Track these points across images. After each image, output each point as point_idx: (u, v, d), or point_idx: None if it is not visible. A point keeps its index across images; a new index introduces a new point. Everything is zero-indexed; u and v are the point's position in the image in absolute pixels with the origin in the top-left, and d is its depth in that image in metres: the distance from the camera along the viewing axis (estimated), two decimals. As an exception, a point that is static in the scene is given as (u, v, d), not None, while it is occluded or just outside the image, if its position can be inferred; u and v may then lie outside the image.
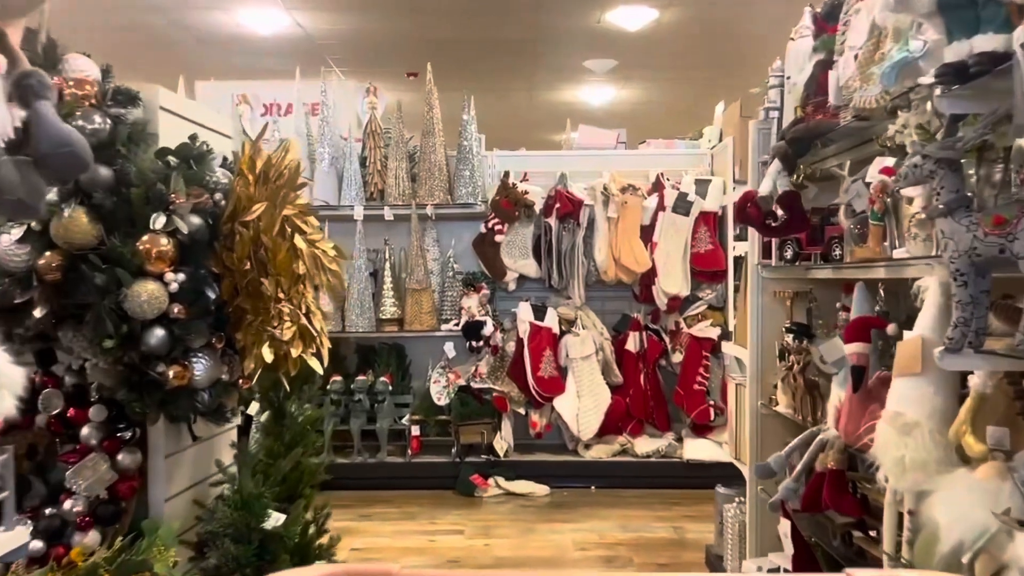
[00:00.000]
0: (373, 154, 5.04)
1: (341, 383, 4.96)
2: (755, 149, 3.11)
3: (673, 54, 8.39)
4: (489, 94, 9.58)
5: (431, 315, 4.98)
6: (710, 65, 8.75)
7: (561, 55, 8.48)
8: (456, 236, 5.23)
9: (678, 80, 9.36)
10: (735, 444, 3.28)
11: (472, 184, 4.98)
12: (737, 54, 8.24)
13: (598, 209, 4.95)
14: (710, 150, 5.27)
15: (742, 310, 3.40)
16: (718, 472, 4.74)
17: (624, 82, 9.46)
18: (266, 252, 2.26)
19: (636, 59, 8.57)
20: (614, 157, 5.29)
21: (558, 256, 4.95)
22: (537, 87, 9.72)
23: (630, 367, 5.01)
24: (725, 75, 8.73)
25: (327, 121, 5.01)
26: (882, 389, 2.20)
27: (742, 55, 8.23)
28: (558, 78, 9.35)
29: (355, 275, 4.96)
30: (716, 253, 4.93)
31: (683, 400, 4.88)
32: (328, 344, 2.59)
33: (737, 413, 3.24)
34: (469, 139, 5.01)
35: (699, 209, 4.91)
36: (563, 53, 8.43)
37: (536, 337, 4.88)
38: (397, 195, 4.97)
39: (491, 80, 9.16)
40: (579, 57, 8.51)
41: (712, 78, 9.06)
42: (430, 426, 4.95)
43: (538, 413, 4.93)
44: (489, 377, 4.92)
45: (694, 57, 8.52)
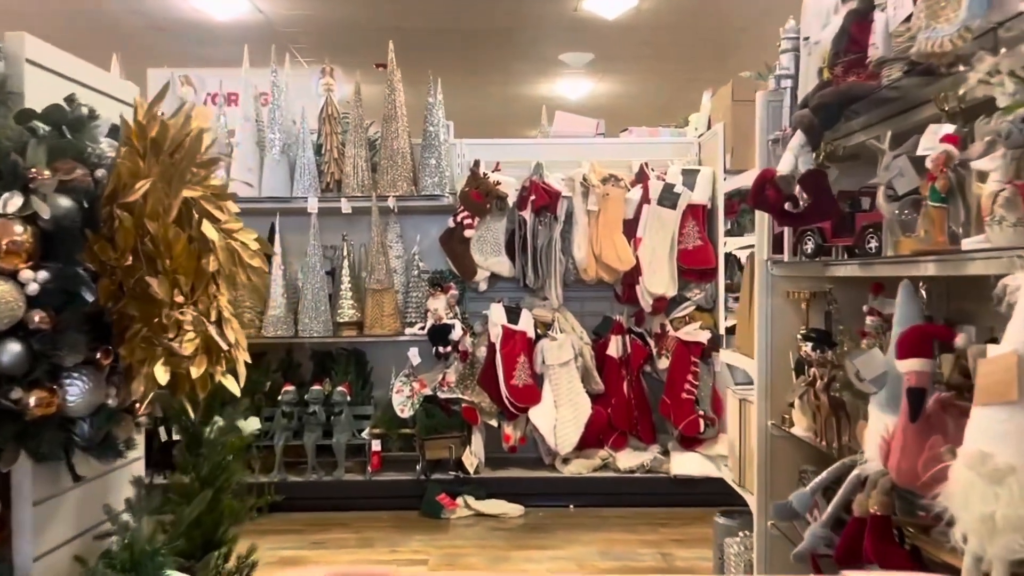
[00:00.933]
0: (329, 141, 4.50)
1: (294, 393, 4.42)
2: (763, 126, 2.61)
3: (653, 44, 7.94)
4: (462, 87, 9.08)
5: (393, 318, 4.44)
6: (691, 57, 8.31)
7: (537, 46, 8.02)
8: (421, 231, 4.70)
9: (658, 72, 8.91)
10: (739, 469, 2.78)
11: (439, 174, 4.45)
12: (720, 45, 7.81)
13: (577, 202, 4.44)
14: (697, 139, 4.79)
15: (744, 313, 2.91)
16: (707, 488, 4.28)
17: (602, 75, 8.98)
18: (155, 243, 1.72)
19: (614, 50, 8.13)
20: (594, 146, 4.79)
21: (533, 253, 4.44)
22: (512, 80, 9.23)
23: (612, 374, 4.51)
24: (706, 67, 8.29)
25: (278, 104, 4.46)
26: (943, 416, 1.71)
27: (725, 46, 7.80)
28: (534, 71, 8.87)
29: (309, 274, 4.42)
30: (705, 249, 4.44)
31: (670, 410, 4.38)
32: (246, 358, 2.05)
33: (742, 434, 2.74)
34: (435, 125, 4.49)
35: (687, 202, 4.42)
36: (539, 44, 7.97)
37: (509, 342, 4.36)
38: (356, 186, 4.43)
39: (465, 72, 8.65)
40: (556, 48, 8.05)
41: (693, 71, 8.62)
42: (392, 440, 4.41)
43: (512, 425, 4.42)
44: (457, 386, 4.40)
45: (675, 48, 8.07)
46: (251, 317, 4.45)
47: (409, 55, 4.48)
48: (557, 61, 8.49)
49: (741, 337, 2.93)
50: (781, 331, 2.56)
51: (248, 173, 4.43)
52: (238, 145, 4.45)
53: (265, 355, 4.73)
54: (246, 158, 4.44)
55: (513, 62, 8.54)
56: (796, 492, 2.08)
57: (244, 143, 4.44)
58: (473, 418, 4.36)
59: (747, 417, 2.69)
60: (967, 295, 2.18)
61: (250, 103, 4.50)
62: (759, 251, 2.63)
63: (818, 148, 2.11)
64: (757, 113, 2.63)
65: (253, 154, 4.46)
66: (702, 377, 4.37)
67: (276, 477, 4.34)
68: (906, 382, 1.66)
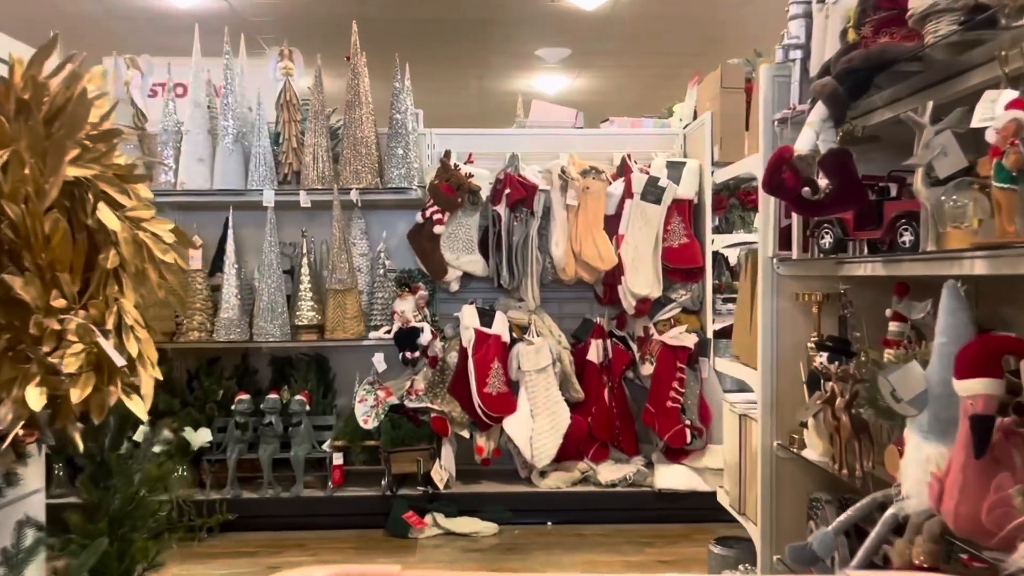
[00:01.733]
0: (287, 129, 4.11)
1: (248, 402, 4.02)
2: (768, 104, 2.27)
3: (632, 38, 7.60)
4: (434, 81, 8.69)
5: (357, 320, 4.06)
6: (671, 51, 7.98)
7: (514, 39, 7.65)
8: (388, 227, 4.32)
9: (637, 67, 8.57)
10: (738, 493, 2.43)
11: (406, 165, 4.07)
12: (701, 38, 7.48)
13: (555, 196, 4.09)
14: (683, 130, 4.44)
15: (743, 318, 2.56)
16: (694, 503, 3.95)
17: (580, 70, 8.63)
18: (18, 232, 1.34)
19: (592, 44, 7.78)
20: (573, 137, 4.43)
21: (508, 251, 4.07)
22: (487, 75, 8.85)
23: (592, 381, 4.16)
24: (687, 62, 7.94)
25: (231, 89, 4.05)
26: (1007, 447, 1.37)
27: (707, 39, 7.47)
28: (510, 64, 8.50)
29: (265, 273, 4.02)
30: (692, 247, 4.10)
31: (654, 419, 4.03)
32: (156, 375, 1.68)
33: (742, 454, 2.39)
34: (403, 112, 4.10)
35: (672, 196, 4.07)
36: (516, 37, 7.60)
37: (482, 346, 3.99)
38: (316, 177, 4.04)
39: (437, 66, 8.27)
40: (532, 42, 7.69)
41: (673, 65, 8.29)
42: (355, 453, 4.03)
43: (484, 436, 4.05)
44: (426, 394, 4.02)
45: (654, 41, 7.74)
46: (202, 320, 4.04)
47: (379, 46, 4.10)
48: (533, 56, 8.15)
49: (740, 344, 2.58)
50: (789, 338, 2.22)
51: (199, 164, 4.03)
52: (187, 133, 4.04)
53: (219, 360, 4.33)
54: (197, 147, 4.03)
55: (488, 55, 8.18)
56: (817, 534, 1.73)
57: (194, 131, 4.04)
58: (443, 429, 3.99)
59: (748, 435, 2.34)
60: (1006, 297, 1.85)
61: (201, 88, 4.09)
62: (763, 247, 2.29)
63: (842, 123, 1.76)
64: (760, 91, 2.29)
65: (205, 143, 4.06)
66: (688, 384, 4.03)
67: (229, 494, 3.94)
68: (969, 408, 1.31)
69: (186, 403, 4.09)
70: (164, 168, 3.99)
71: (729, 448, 2.55)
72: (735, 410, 2.45)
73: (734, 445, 2.47)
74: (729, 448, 2.55)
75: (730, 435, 2.53)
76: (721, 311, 4.08)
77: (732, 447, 2.50)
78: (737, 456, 2.42)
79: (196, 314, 4.03)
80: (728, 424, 2.54)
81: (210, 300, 4.09)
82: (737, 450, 2.42)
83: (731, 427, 2.50)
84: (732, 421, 2.48)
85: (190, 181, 4.01)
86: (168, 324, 3.99)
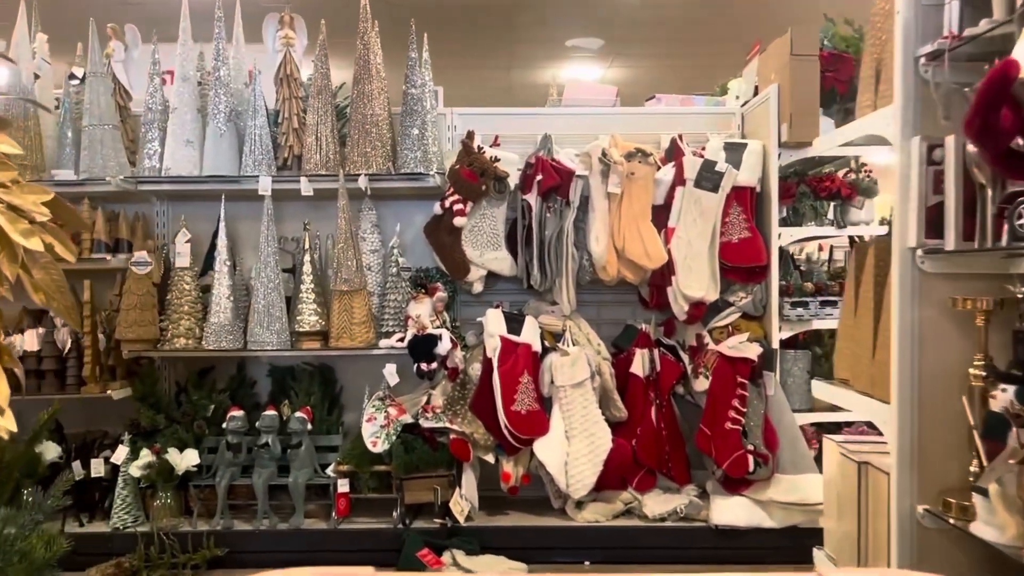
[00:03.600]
0: (288, 107, 3.49)
1: (242, 420, 3.41)
2: (910, 33, 1.59)
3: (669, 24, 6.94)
4: (459, 72, 8.09)
5: (365, 326, 3.43)
6: (710, 39, 7.30)
7: (543, 27, 7.02)
8: (402, 219, 3.70)
9: (674, 57, 7.88)
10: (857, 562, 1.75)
11: (423, 147, 3.44)
12: (744, 24, 6.78)
13: (594, 182, 3.43)
14: (740, 108, 3.76)
15: (850, 328, 1.89)
16: (756, 542, 3.28)
17: (614, 58, 7.96)
18: None
19: (627, 31, 7.12)
20: (613, 117, 3.77)
21: (540, 246, 3.42)
22: (516, 65, 8.21)
23: (637, 397, 3.49)
24: (728, 51, 7.27)
25: (223, 61, 3.44)
26: None
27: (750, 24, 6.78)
28: (539, 55, 7.86)
29: (262, 272, 3.41)
30: (754, 243, 3.42)
31: (710, 443, 3.36)
32: None
33: (863, 517, 1.71)
34: (419, 87, 3.47)
35: (732, 183, 3.40)
36: (546, 24, 6.97)
37: (510, 357, 3.34)
38: (319, 162, 3.42)
39: (464, 57, 7.66)
40: (563, 29, 7.05)
41: (713, 55, 7.61)
42: (364, 479, 3.39)
43: (512, 461, 3.40)
44: (445, 412, 3.38)
45: (693, 28, 7.06)
46: (190, 325, 3.43)
47: (403, 37, 3.46)
48: (564, 45, 7.51)
49: (848, 365, 1.91)
50: (937, 362, 1.55)
51: (186, 146, 3.42)
52: (174, 111, 3.44)
53: (211, 371, 3.73)
54: (184, 127, 3.43)
55: (517, 45, 7.55)
56: None
57: (182, 108, 3.43)
58: (464, 453, 3.34)
59: (870, 491, 1.67)
60: None
61: (190, 61, 3.49)
62: (900, 233, 1.62)
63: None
64: (899, 20, 1.61)
65: (194, 123, 3.45)
66: (751, 402, 3.35)
67: (219, 524, 3.33)
68: None
69: (173, 420, 3.49)
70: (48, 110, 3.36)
71: (833, 502, 1.88)
72: (851, 456, 1.77)
73: (849, 500, 1.80)
74: (833, 502, 1.88)
75: (836, 486, 1.86)
76: (789, 317, 3.40)
77: (838, 501, 1.83)
78: (856, 516, 1.75)
79: (183, 318, 3.43)
80: (834, 469, 1.87)
81: (200, 303, 3.48)
82: (856, 508, 1.74)
83: (839, 474, 1.83)
84: (845, 469, 1.81)
85: (176, 167, 3.41)
86: (150, 329, 3.38)
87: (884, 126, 1.68)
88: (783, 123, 3.33)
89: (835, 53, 3.36)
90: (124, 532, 3.29)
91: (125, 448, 3.37)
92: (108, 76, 3.52)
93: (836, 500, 1.90)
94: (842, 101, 3.42)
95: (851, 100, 3.40)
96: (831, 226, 3.44)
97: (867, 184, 3.39)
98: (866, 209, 3.42)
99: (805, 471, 3.26)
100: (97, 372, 3.42)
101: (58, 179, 3.43)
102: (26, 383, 3.43)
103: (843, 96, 3.40)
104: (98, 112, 3.41)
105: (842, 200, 3.41)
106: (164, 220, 3.77)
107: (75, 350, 3.43)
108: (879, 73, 1.90)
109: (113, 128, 3.44)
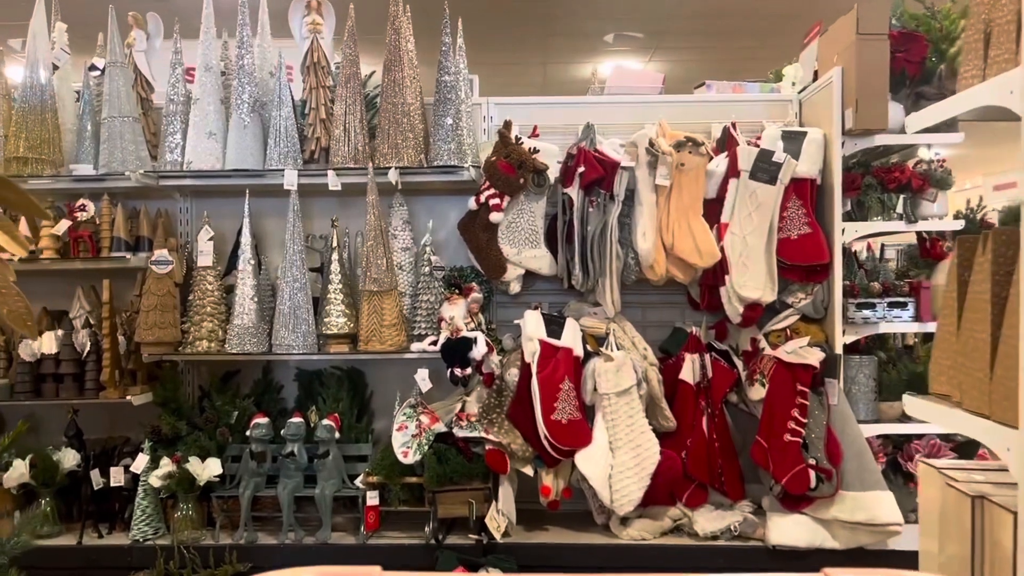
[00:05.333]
0: (315, 96, 3.26)
1: (267, 427, 3.18)
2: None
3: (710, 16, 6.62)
4: (494, 68, 7.83)
5: (396, 329, 3.18)
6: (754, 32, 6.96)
7: (580, 19, 6.74)
8: (435, 215, 3.45)
9: (716, 51, 7.55)
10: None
11: (456, 139, 3.18)
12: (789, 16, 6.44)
13: (641, 174, 3.14)
14: (797, 95, 3.45)
15: (951, 334, 1.58)
16: (818, 563, 2.93)
17: (653, 52, 7.65)
18: None
19: (667, 24, 6.82)
20: (660, 106, 3.47)
21: (582, 243, 3.15)
22: (551, 60, 7.94)
23: (687, 406, 3.20)
24: (772, 44, 6.95)
25: (247, 48, 3.22)
26: None
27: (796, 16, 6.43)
28: (576, 49, 7.58)
29: (288, 271, 3.18)
30: (815, 239, 3.11)
31: (767, 456, 3.05)
32: None
33: (979, 562, 1.41)
34: (453, 74, 3.21)
35: (790, 174, 3.09)
36: (582, 16, 6.69)
37: (549, 362, 3.07)
38: (347, 155, 3.18)
39: (497, 51, 7.41)
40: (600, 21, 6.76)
41: (757, 48, 7.29)
42: (394, 491, 3.14)
43: (552, 474, 3.13)
44: (480, 421, 3.12)
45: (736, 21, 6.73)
46: (212, 327, 3.22)
47: (435, 33, 3.21)
48: (601, 40, 7.22)
49: (950, 379, 1.60)
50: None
51: (209, 139, 3.21)
52: (196, 101, 3.23)
53: (236, 375, 3.51)
54: (206, 119, 3.21)
55: (551, 38, 7.27)
56: None
57: (204, 99, 3.22)
58: (501, 464, 3.08)
59: (990, 530, 1.37)
60: None
61: (213, 50, 3.27)
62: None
63: None
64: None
65: (217, 114, 3.23)
66: (812, 413, 3.04)
67: (242, 538, 3.11)
68: None
69: (195, 426, 3.28)
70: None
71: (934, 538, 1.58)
72: (962, 487, 1.47)
73: (946, 535, 1.50)
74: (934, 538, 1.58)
75: (937, 522, 1.56)
76: (854, 320, 3.08)
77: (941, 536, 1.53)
78: (970, 550, 1.44)
79: (205, 320, 3.21)
80: (934, 503, 1.57)
81: (223, 303, 3.27)
82: (970, 542, 1.44)
83: (942, 508, 1.53)
84: (945, 500, 1.51)
85: (198, 160, 3.20)
86: (171, 332, 3.17)
87: (1004, 95, 1.38)
88: (847, 109, 3.01)
89: (905, 32, 3.03)
90: (144, 545, 3.09)
91: (145, 456, 3.17)
92: (129, 67, 3.32)
93: (927, 527, 1.59)
94: (913, 84, 3.09)
95: (924, 83, 3.08)
96: (900, 221, 3.11)
97: (940, 175, 3.05)
98: (939, 202, 3.08)
99: (873, 488, 2.94)
100: (117, 376, 3.22)
101: (76, 174, 3.24)
102: (44, 387, 3.25)
103: (914, 79, 3.07)
104: (118, 104, 3.20)
105: (912, 192, 3.08)
106: (188, 217, 3.56)
107: (94, 353, 3.24)
108: (988, 37, 1.60)
109: (133, 121, 3.24)
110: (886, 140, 3.02)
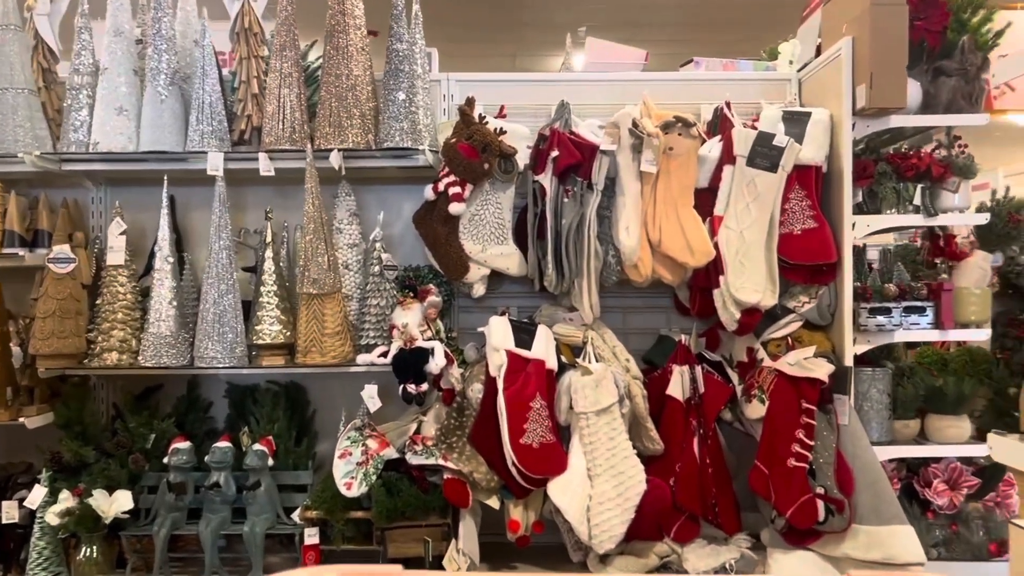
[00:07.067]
0: (245, 68, 2.76)
1: (188, 453, 2.68)
2: None
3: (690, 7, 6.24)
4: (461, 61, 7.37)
5: (340, 338, 2.69)
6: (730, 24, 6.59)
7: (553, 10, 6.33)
8: (386, 206, 2.97)
9: (698, 43, 7.16)
10: None
11: (410, 117, 2.71)
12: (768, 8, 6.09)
13: (623, 160, 2.69)
14: (797, 72, 3.03)
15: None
16: (827, 606, 2.53)
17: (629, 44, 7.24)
18: None
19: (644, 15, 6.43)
20: (643, 83, 3.02)
21: (556, 239, 2.68)
22: (522, 52, 7.51)
23: (676, 426, 2.76)
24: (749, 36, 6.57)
25: (163, 8, 2.72)
26: None
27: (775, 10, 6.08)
28: (549, 41, 7.16)
29: (212, 270, 2.68)
30: (821, 235, 2.68)
31: (768, 484, 2.62)
32: None
33: None
34: (407, 42, 2.74)
35: (793, 160, 2.66)
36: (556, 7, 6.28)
37: (518, 376, 2.61)
38: (283, 135, 2.70)
39: (465, 42, 6.97)
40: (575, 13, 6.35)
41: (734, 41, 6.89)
42: (338, 528, 2.65)
43: (521, 506, 2.66)
44: (438, 445, 2.65)
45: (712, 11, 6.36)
46: (124, 336, 2.71)
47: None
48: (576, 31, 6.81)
49: None
50: None
51: (118, 116, 2.70)
52: (104, 71, 2.72)
53: (156, 392, 3.01)
54: (116, 92, 2.71)
55: (523, 29, 6.85)
56: None
57: (113, 68, 2.71)
58: (461, 497, 2.60)
59: None
60: None
61: (124, 9, 2.76)
62: None
63: None
64: None
65: (130, 87, 2.73)
66: (820, 434, 2.61)
67: (155, 585, 2.61)
68: None
69: (105, 452, 2.77)
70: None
71: None
72: None
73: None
74: None
75: None
76: (867, 327, 2.66)
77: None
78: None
79: (116, 328, 2.70)
80: None
81: (138, 309, 2.76)
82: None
83: None
84: None
85: (106, 141, 2.69)
86: (72, 342, 2.65)
87: None
88: (859, 85, 2.59)
89: (924, -3, 2.63)
90: (39, 594, 2.57)
91: (43, 489, 2.65)
92: (28, 32, 2.81)
93: None
94: (931, 58, 2.68)
95: (943, 57, 2.67)
96: (916, 214, 2.70)
97: (963, 162, 2.65)
98: (961, 193, 2.68)
99: (890, 521, 2.51)
100: (9, 394, 2.70)
101: (-45, 156, 2.71)
102: (-79, 408, 2.72)
103: (933, 51, 2.66)
104: (10, 74, 2.69)
105: (931, 182, 2.67)
106: (101, 208, 3.05)
107: (-17, 367, 2.72)
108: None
109: (29, 93, 2.72)
110: (903, 121, 2.61)
